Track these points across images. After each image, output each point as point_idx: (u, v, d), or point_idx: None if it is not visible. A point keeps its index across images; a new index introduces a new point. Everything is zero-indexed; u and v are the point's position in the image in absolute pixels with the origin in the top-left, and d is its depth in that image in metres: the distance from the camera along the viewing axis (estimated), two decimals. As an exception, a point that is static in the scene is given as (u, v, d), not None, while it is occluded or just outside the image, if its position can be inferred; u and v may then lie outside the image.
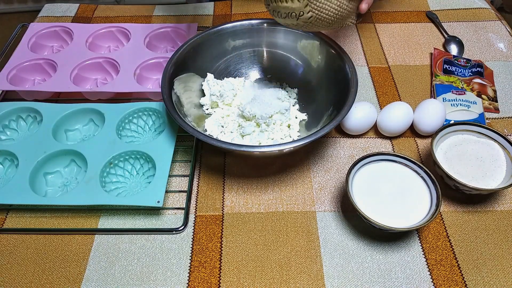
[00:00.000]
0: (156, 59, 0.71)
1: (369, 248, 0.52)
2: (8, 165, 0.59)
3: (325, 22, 0.52)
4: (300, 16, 0.51)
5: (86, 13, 0.89)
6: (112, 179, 0.57)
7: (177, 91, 0.60)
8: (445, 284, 0.49)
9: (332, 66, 0.62)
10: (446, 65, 0.72)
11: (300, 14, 0.50)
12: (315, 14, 0.51)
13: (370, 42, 0.80)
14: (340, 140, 0.64)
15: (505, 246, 0.52)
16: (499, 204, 0.56)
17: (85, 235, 0.54)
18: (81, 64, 0.70)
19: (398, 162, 0.55)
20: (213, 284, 0.49)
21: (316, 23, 0.52)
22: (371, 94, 0.71)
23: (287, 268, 0.50)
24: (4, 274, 0.50)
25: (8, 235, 0.54)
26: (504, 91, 0.70)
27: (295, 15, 0.51)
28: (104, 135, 0.60)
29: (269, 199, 0.57)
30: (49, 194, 0.56)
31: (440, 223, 0.54)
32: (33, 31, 0.76)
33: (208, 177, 0.60)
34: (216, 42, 0.66)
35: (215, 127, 0.62)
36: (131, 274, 0.50)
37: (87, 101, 0.68)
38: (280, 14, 0.52)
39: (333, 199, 0.57)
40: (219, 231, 0.54)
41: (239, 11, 0.88)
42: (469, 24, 0.83)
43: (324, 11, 0.51)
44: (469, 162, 0.56)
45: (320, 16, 0.51)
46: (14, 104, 0.64)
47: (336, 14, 0.52)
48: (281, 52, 0.69)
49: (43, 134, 0.60)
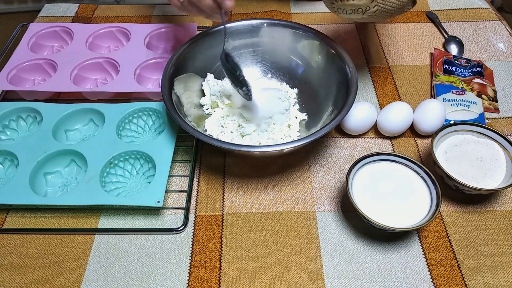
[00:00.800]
0: (156, 59, 0.71)
1: (369, 248, 0.52)
2: (8, 165, 0.59)
3: (388, 13, 0.55)
4: (366, 11, 0.53)
5: (86, 13, 0.89)
6: (112, 179, 0.57)
7: (177, 91, 0.60)
8: (445, 284, 0.49)
9: (332, 66, 0.62)
10: (446, 65, 0.72)
11: (367, 9, 0.53)
12: (380, 8, 0.53)
13: (370, 42, 0.80)
14: (340, 140, 0.64)
15: (505, 246, 0.52)
16: (499, 204, 0.56)
17: (85, 235, 0.54)
18: (81, 64, 0.70)
19: (398, 162, 0.55)
20: (213, 284, 0.49)
21: (381, 15, 0.55)
22: (371, 94, 0.71)
23: (287, 268, 0.50)
24: (4, 274, 0.50)
25: (8, 235, 0.54)
26: (504, 91, 0.70)
27: (362, 10, 0.53)
28: (104, 135, 0.60)
29: (269, 199, 0.57)
30: (49, 194, 0.56)
31: (440, 223, 0.54)
32: (33, 31, 0.76)
33: (208, 177, 0.60)
34: (216, 42, 0.66)
35: (215, 127, 0.62)
36: (131, 274, 0.50)
37: (87, 101, 0.68)
38: (345, 11, 0.54)
39: (333, 199, 0.57)
40: (219, 231, 0.54)
41: (239, 11, 0.88)
42: (469, 24, 0.83)
43: (388, 3, 0.53)
44: (469, 162, 0.56)
45: (385, 8, 0.53)
46: (14, 104, 0.64)
47: (399, 4, 0.54)
48: (281, 52, 0.69)
49: (43, 134, 0.60)
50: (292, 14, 0.87)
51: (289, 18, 0.86)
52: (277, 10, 0.87)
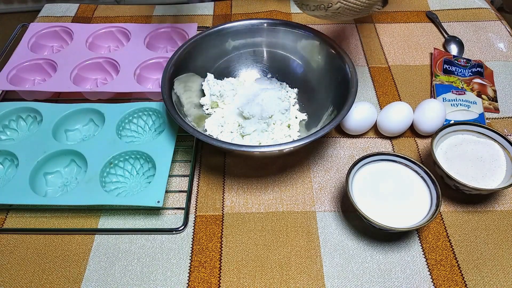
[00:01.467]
0: (156, 59, 0.71)
1: (369, 248, 0.52)
2: (8, 165, 0.59)
3: (353, 11, 0.54)
4: (328, 8, 0.52)
5: (86, 13, 0.89)
6: (112, 179, 0.57)
7: (177, 91, 0.60)
8: (445, 284, 0.49)
9: (332, 66, 0.62)
10: (446, 65, 0.72)
11: (329, 5, 0.52)
12: (343, 5, 0.52)
13: (370, 42, 0.80)
14: (340, 140, 0.64)
15: (505, 246, 0.52)
16: (499, 204, 0.56)
17: (85, 235, 0.54)
18: (81, 64, 0.70)
19: (398, 162, 0.55)
20: (213, 284, 0.49)
21: (344, 13, 0.54)
22: (371, 94, 0.71)
23: (287, 268, 0.50)
24: (4, 274, 0.50)
25: (8, 235, 0.54)
26: (504, 91, 0.70)
27: (324, 7, 0.52)
28: (104, 135, 0.60)
29: (269, 199, 0.57)
30: (49, 194, 0.56)
31: (440, 223, 0.54)
32: (33, 31, 0.76)
33: (208, 177, 0.60)
34: (216, 42, 0.66)
35: (215, 127, 0.62)
36: (131, 274, 0.50)
37: (87, 101, 0.68)
38: (309, 7, 0.54)
39: (333, 199, 0.57)
40: (219, 231, 0.54)
41: (239, 11, 0.88)
42: (469, 24, 0.83)
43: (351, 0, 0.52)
44: (469, 162, 0.56)
45: (348, 5, 0.52)
46: (14, 104, 0.64)
47: (364, 3, 0.53)
48: (281, 52, 0.69)
49: (43, 134, 0.60)
50: (292, 14, 0.87)
51: (289, 18, 0.86)
52: (277, 10, 0.87)
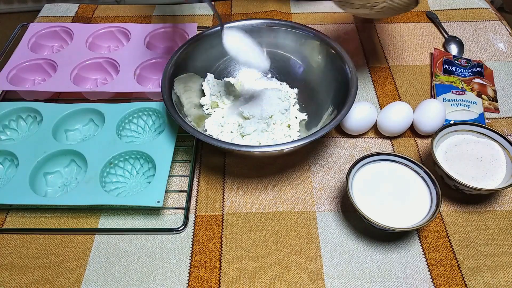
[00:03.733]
0: (156, 59, 0.71)
1: (369, 248, 0.52)
2: (8, 165, 0.59)
3: (395, 10, 0.55)
4: (374, 7, 0.53)
5: (86, 13, 0.89)
6: (112, 179, 0.57)
7: (177, 91, 0.60)
8: (445, 284, 0.49)
9: (332, 66, 0.62)
10: (446, 65, 0.72)
11: (374, 5, 0.53)
12: (388, 4, 0.53)
13: (370, 42, 0.80)
14: (340, 140, 0.64)
15: (505, 246, 0.52)
16: (499, 204, 0.56)
17: (85, 235, 0.54)
18: (81, 64, 0.70)
19: (398, 162, 0.55)
20: (213, 284, 0.49)
21: (387, 12, 0.55)
22: (371, 94, 0.71)
23: (287, 268, 0.50)
24: (4, 274, 0.50)
25: (8, 235, 0.54)
26: (504, 91, 0.70)
27: (370, 5, 0.53)
28: (104, 135, 0.60)
29: (269, 199, 0.57)
30: (49, 194, 0.56)
31: (440, 223, 0.54)
32: (33, 31, 0.76)
33: (208, 177, 0.60)
34: (216, 42, 0.66)
35: (215, 127, 0.62)
36: (131, 274, 0.50)
37: (87, 101, 0.68)
38: (353, 5, 0.55)
39: (333, 199, 0.57)
40: (219, 231, 0.54)
41: (239, 11, 0.88)
42: (469, 24, 0.83)
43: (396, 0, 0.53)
44: (469, 162, 0.56)
45: (392, 5, 0.53)
46: (14, 104, 0.64)
47: (404, 2, 0.54)
48: (281, 52, 0.69)
49: (43, 134, 0.60)
50: (292, 14, 0.87)
51: (289, 18, 0.86)
52: (277, 10, 0.87)
